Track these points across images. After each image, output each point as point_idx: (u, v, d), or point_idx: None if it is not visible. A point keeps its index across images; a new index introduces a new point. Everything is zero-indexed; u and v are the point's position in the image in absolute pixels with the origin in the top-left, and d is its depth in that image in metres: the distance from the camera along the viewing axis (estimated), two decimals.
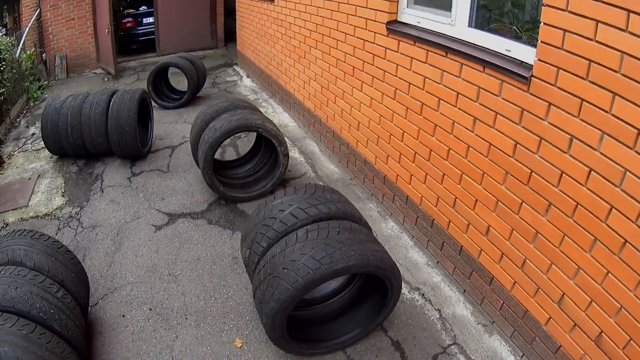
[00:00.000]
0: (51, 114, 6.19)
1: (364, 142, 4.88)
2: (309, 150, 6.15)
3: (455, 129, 3.36)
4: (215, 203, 5.00)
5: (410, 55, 3.81)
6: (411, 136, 3.97)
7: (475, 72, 3.07)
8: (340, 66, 5.19)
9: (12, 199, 5.75)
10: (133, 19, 14.27)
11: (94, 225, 4.79)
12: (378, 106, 4.47)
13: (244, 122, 4.71)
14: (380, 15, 4.19)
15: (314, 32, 5.83)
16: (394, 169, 4.34)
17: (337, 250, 2.68)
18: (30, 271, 3.00)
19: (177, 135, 6.96)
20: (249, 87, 9.41)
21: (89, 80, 11.89)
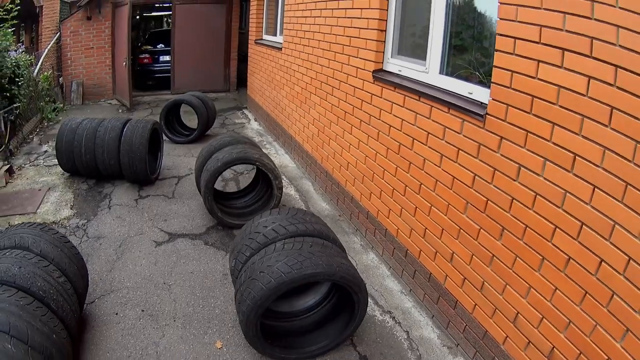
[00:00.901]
0: (67, 133, 6.40)
1: (352, 181, 5.05)
2: (304, 189, 6.32)
3: (426, 165, 3.55)
4: (213, 228, 5.16)
5: (391, 100, 4.05)
6: (390, 173, 4.16)
7: (442, 113, 3.29)
8: (335, 111, 5.42)
9: (20, 205, 5.91)
10: (150, 55, 14.59)
11: (98, 237, 4.96)
12: (364, 147, 4.68)
13: (244, 155, 4.92)
14: (369, 64, 4.45)
15: (314, 79, 6.10)
16: (376, 205, 4.50)
17: (307, 259, 2.91)
18: (35, 256, 3.13)
19: (184, 167, 7.17)
20: (255, 129, 9.66)
21: (103, 109, 12.12)
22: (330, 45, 5.44)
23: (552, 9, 2.32)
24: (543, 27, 2.37)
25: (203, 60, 13.77)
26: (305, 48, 6.38)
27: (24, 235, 3.33)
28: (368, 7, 4.43)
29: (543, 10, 2.37)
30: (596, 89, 2.13)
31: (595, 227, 2.18)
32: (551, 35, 2.33)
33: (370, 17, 4.40)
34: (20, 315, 2.63)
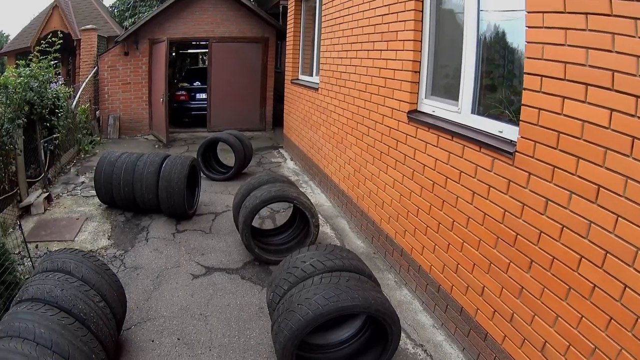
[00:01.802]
0: (106, 166, 6.85)
1: (387, 219, 5.30)
2: (340, 227, 6.58)
3: (459, 202, 3.80)
4: (250, 263, 5.44)
5: (425, 140, 4.33)
6: (424, 211, 4.40)
7: (473, 152, 3.55)
8: (370, 151, 5.73)
9: (58, 232, 6.31)
10: (187, 92, 15.18)
11: (136, 267, 5.31)
12: (399, 186, 4.94)
13: (282, 193, 5.23)
14: (404, 105, 4.76)
15: (350, 119, 6.44)
16: (410, 242, 4.74)
17: (343, 292, 3.15)
18: (77, 280, 3.43)
19: (221, 204, 7.52)
20: (291, 169, 10.01)
21: (139, 144, 12.64)
22: (366, 86, 5.78)
23: (575, 44, 2.57)
24: (567, 64, 2.63)
25: (239, 98, 14.28)
26: (342, 89, 6.75)
27: (66, 260, 3.60)
28: (402, 49, 4.77)
29: (567, 47, 2.63)
30: (618, 121, 2.35)
31: (619, 254, 2.37)
32: (575, 71, 2.58)
33: (404, 59, 4.73)
34: (62, 334, 2.89)
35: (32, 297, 3.20)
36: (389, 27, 5.09)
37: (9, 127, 6.60)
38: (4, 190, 6.59)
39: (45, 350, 2.76)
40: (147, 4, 20.16)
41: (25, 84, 7.36)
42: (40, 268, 3.61)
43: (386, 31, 5.17)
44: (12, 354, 2.68)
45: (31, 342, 2.78)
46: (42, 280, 3.35)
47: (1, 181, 6.57)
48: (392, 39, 5.02)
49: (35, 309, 3.06)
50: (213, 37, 13.84)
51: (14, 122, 6.72)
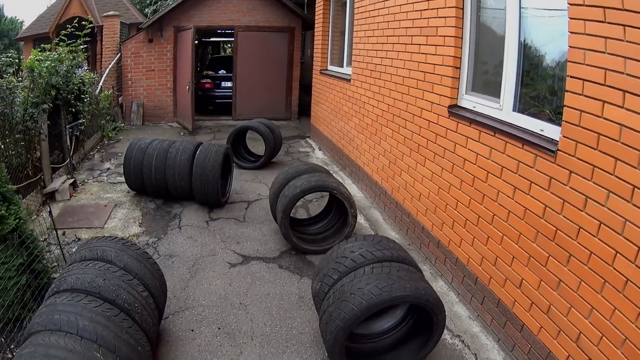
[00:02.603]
0: (136, 153, 7.10)
1: (423, 212, 5.57)
2: (374, 218, 6.85)
3: (500, 197, 4.05)
4: (287, 252, 5.70)
5: (466, 134, 4.58)
6: (463, 205, 4.66)
7: (516, 148, 3.80)
8: (407, 143, 5.99)
9: (86, 219, 6.56)
10: (212, 80, 15.54)
11: (170, 255, 5.55)
12: (438, 179, 5.20)
13: (322, 183, 5.49)
14: (444, 100, 5.01)
15: (385, 112, 6.71)
16: (447, 234, 5.01)
17: (396, 282, 3.39)
18: (119, 269, 3.46)
19: (252, 192, 7.84)
20: (320, 159, 10.30)
21: (164, 131, 12.94)
22: (403, 79, 6.03)
23: (614, 53, 2.81)
24: (607, 70, 2.87)
25: (265, 87, 14.59)
26: (377, 81, 7.01)
27: (107, 248, 3.63)
28: (443, 44, 5.01)
29: (607, 55, 2.87)
30: None
31: None
32: (614, 77, 2.82)
33: (445, 54, 4.97)
34: (107, 326, 2.88)
35: (72, 288, 3.18)
36: (429, 22, 5.32)
37: (33, 111, 6.84)
38: (28, 176, 6.76)
39: (90, 344, 2.71)
40: None
41: (52, 68, 7.55)
42: (77, 257, 3.64)
43: (425, 26, 5.40)
44: (54, 349, 2.62)
45: (74, 335, 2.73)
46: (81, 269, 3.35)
47: (25, 166, 6.74)
48: (431, 34, 5.25)
49: (76, 300, 3.03)
50: (239, 26, 14.16)
51: (39, 107, 6.94)
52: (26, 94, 7.06)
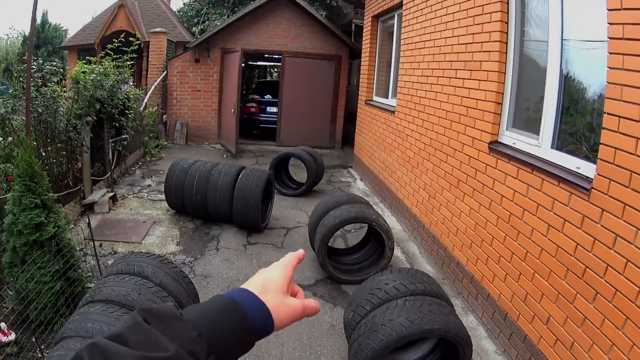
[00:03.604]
0: (178, 172, 7.40)
1: (459, 247, 5.74)
2: (410, 252, 7.03)
3: (534, 234, 4.22)
4: (322, 281, 5.88)
5: (505, 171, 4.77)
6: (498, 241, 4.83)
7: (552, 186, 3.98)
8: (447, 178, 6.17)
9: (124, 233, 6.82)
10: (257, 105, 15.85)
11: (206, 275, 5.78)
12: (475, 215, 5.38)
13: (362, 214, 5.69)
14: (485, 136, 5.21)
15: (427, 145, 6.92)
16: (481, 270, 5.17)
17: (426, 315, 3.56)
18: (155, 286, 3.59)
19: (292, 219, 8.06)
20: (361, 189, 10.48)
21: (207, 153, 13.25)
22: (446, 113, 6.24)
23: None
24: None
25: (309, 115, 14.90)
26: (420, 114, 7.24)
27: (144, 264, 3.77)
28: (486, 79, 5.22)
29: None
30: None
31: None
32: None
33: (487, 90, 5.18)
34: None
35: (107, 299, 3.32)
36: (473, 57, 5.54)
37: (76, 122, 7.19)
38: (68, 186, 7.09)
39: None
40: (217, 12, 21.07)
41: (97, 82, 7.89)
42: (114, 269, 3.79)
43: (470, 60, 5.63)
44: None
45: None
46: (117, 282, 3.50)
47: (65, 176, 7.08)
48: (475, 68, 5.48)
49: (110, 311, 3.16)
50: (286, 52, 14.55)
51: (82, 119, 7.28)
52: (70, 104, 7.46)
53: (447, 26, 6.29)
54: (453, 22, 6.10)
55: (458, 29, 5.95)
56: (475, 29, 5.46)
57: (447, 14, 6.29)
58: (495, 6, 5.02)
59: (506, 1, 4.94)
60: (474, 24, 5.51)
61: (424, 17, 7.26)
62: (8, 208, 4.18)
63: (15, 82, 7.28)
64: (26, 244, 4.10)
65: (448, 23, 6.27)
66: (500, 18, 4.95)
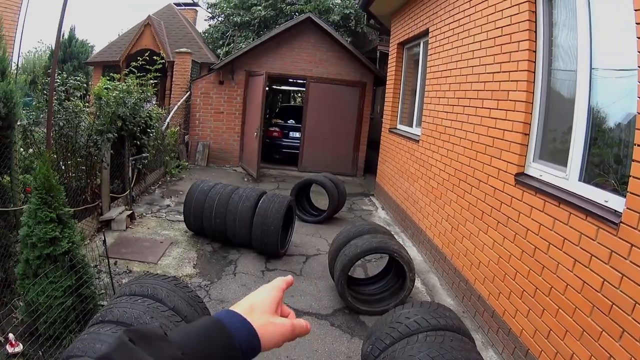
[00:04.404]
0: (198, 194, 7.48)
1: (481, 280, 5.69)
2: (431, 283, 6.97)
3: (559, 269, 4.18)
4: (340, 311, 5.84)
5: (531, 204, 4.74)
6: (522, 275, 4.79)
7: (579, 220, 3.95)
8: (471, 210, 6.14)
9: (140, 252, 6.85)
10: (280, 129, 16.01)
11: (221, 300, 5.78)
12: (499, 248, 5.33)
13: (383, 245, 5.68)
14: (511, 167, 5.19)
15: (452, 176, 6.91)
16: (503, 305, 5.11)
17: (448, 352, 3.49)
18: (168, 310, 3.52)
19: (312, 247, 8.06)
20: (382, 218, 10.45)
21: (228, 175, 13.35)
22: (472, 144, 6.24)
23: None
24: None
25: (332, 141, 14.98)
26: (445, 144, 7.25)
27: (158, 287, 3.71)
28: (513, 109, 5.22)
29: None
30: None
31: None
32: None
33: (515, 120, 5.18)
34: None
35: (117, 320, 3.29)
36: (500, 86, 5.55)
37: (97, 138, 7.28)
38: (85, 201, 7.18)
39: None
40: (242, 34, 21.36)
41: (119, 99, 8.04)
42: (127, 290, 3.74)
43: (497, 90, 5.64)
44: None
45: None
46: (129, 304, 3.46)
47: (83, 191, 7.17)
48: (502, 98, 5.48)
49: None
50: (310, 77, 14.71)
51: (103, 135, 7.38)
52: (91, 120, 7.58)
53: (474, 54, 6.32)
54: (480, 50, 6.14)
55: (485, 58, 5.98)
56: (503, 57, 5.49)
57: (474, 42, 6.33)
58: (523, 34, 5.05)
59: (534, 29, 4.97)
60: (501, 52, 5.54)
61: (450, 45, 7.31)
62: (24, 220, 4.22)
63: (39, 95, 7.44)
64: (39, 257, 4.14)
65: (475, 51, 6.30)
66: (529, 47, 4.96)
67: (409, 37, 9.98)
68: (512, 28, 5.31)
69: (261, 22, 21.13)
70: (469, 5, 6.60)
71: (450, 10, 7.35)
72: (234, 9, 21.99)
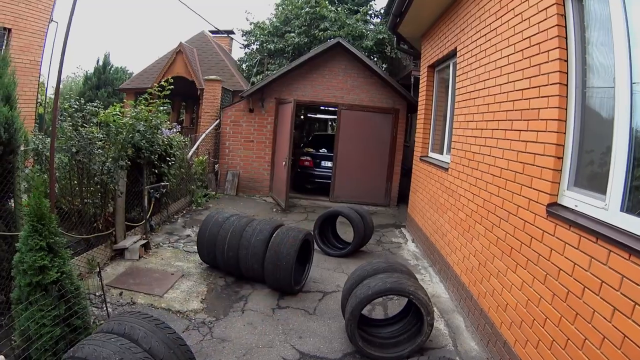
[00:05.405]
0: (211, 226, 7.14)
1: (508, 324, 5.00)
2: (455, 325, 6.31)
3: (595, 318, 3.48)
4: (351, 355, 5.28)
5: (564, 239, 4.05)
6: (552, 322, 4.09)
7: (620, 259, 3.25)
8: (500, 245, 5.47)
9: (148, 284, 6.57)
10: (312, 158, 15.67)
11: (223, 339, 5.33)
12: (527, 290, 4.65)
13: (398, 285, 5.15)
14: (542, 197, 4.51)
15: (480, 207, 6.25)
16: (530, 355, 4.41)
17: None
18: (143, 352, 3.36)
19: (332, 282, 7.51)
20: (411, 252, 9.85)
21: (257, 205, 13.12)
22: (501, 171, 5.60)
23: None
24: None
25: (365, 170, 14.52)
26: (474, 172, 6.60)
27: (136, 326, 3.57)
28: (545, 129, 4.56)
29: None
30: None
31: None
32: None
33: (546, 142, 4.51)
34: None
35: (85, 359, 3.21)
36: (530, 104, 4.93)
37: (110, 166, 7.06)
38: (97, 229, 7.06)
39: None
40: (276, 62, 21.26)
41: (130, 125, 7.82)
42: (105, 327, 3.65)
43: (526, 108, 5.02)
44: None
45: None
46: (102, 342, 3.34)
47: (95, 219, 7.04)
48: (533, 117, 4.85)
49: None
50: (342, 104, 14.36)
51: (117, 163, 7.18)
52: (108, 148, 7.40)
53: (502, 71, 5.72)
54: (508, 65, 5.53)
55: (513, 74, 5.37)
56: (532, 71, 4.86)
57: (502, 58, 5.74)
58: (552, 42, 4.42)
59: (564, 35, 4.34)
60: (530, 65, 4.92)
61: (478, 64, 6.73)
62: (18, 246, 4.18)
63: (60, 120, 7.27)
64: (29, 285, 4.07)
65: (503, 68, 5.70)
66: (559, 55, 4.32)
67: (438, 59, 9.47)
68: (540, 37, 4.70)
69: (295, 49, 21.17)
70: (494, 18, 6.06)
71: (477, 25, 6.81)
72: (268, 36, 22.07)
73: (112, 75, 28.79)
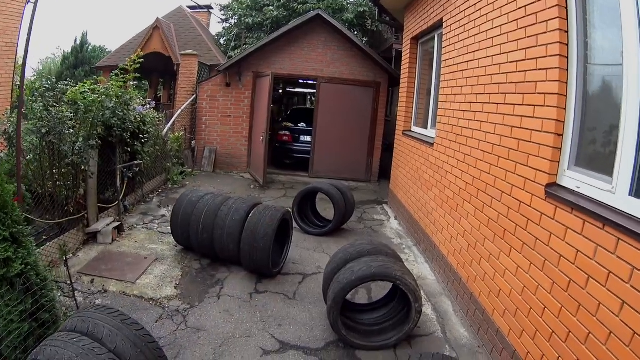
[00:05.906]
0: (185, 205, 6.82)
1: (501, 312, 4.75)
2: (443, 309, 6.05)
3: (600, 311, 3.22)
4: (334, 344, 5.02)
5: (565, 224, 3.76)
6: (552, 313, 3.82)
7: (631, 248, 2.97)
8: (492, 226, 5.19)
9: (120, 270, 6.27)
10: (290, 133, 15.44)
11: (198, 328, 5.03)
12: (523, 276, 4.37)
13: (384, 270, 4.83)
14: (540, 176, 4.20)
15: (469, 184, 5.95)
16: (526, 346, 4.17)
17: None
18: (108, 353, 3.09)
19: (312, 264, 7.21)
20: (394, 229, 9.60)
21: (234, 182, 12.90)
22: (492, 147, 5.29)
23: None
24: None
25: (345, 145, 14.31)
26: (462, 147, 6.30)
27: (100, 323, 3.29)
28: (543, 104, 4.23)
29: None
30: None
31: None
32: None
33: (545, 117, 4.19)
34: None
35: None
36: (526, 76, 4.59)
37: (81, 146, 6.75)
38: (69, 213, 6.77)
39: None
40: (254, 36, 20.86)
41: (99, 102, 7.45)
42: (69, 325, 3.35)
43: (522, 81, 4.68)
44: None
45: None
46: (63, 342, 3.07)
47: (67, 202, 6.77)
48: (529, 91, 4.52)
49: None
50: (321, 77, 14.08)
51: (87, 142, 6.86)
52: (77, 128, 7.09)
53: (494, 42, 5.39)
54: (501, 36, 5.19)
55: (507, 45, 5.03)
56: (528, 42, 4.52)
57: (493, 28, 5.40)
58: (552, 12, 4.08)
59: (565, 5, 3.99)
60: (526, 36, 4.58)
61: (466, 34, 6.38)
62: None
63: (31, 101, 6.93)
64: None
65: (494, 38, 5.36)
66: (559, 26, 3.98)
67: (422, 30, 9.10)
68: (537, 6, 4.36)
69: (273, 23, 20.81)
70: None
71: None
72: (246, 10, 21.72)
73: (89, 54, 28.49)
